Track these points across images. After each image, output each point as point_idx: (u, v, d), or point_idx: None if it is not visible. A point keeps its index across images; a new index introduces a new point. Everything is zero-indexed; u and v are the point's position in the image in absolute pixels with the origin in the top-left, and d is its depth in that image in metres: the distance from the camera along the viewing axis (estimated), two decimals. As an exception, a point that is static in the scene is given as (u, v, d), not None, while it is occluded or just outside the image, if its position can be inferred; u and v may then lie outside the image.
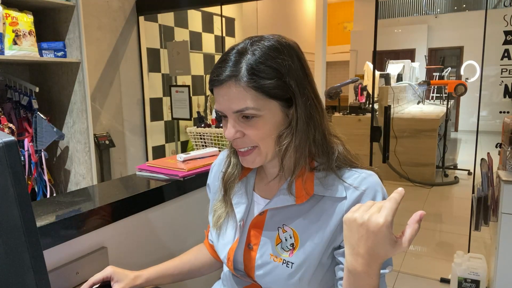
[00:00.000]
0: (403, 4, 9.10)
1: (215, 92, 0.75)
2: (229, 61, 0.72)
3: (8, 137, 0.50)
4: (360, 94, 5.28)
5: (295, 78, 0.73)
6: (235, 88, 0.71)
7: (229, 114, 0.74)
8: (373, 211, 0.61)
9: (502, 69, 2.56)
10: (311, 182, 0.78)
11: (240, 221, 0.83)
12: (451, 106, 5.94)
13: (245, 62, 0.71)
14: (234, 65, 0.72)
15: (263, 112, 0.72)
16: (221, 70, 0.72)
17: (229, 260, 0.84)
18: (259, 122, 0.73)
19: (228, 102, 0.73)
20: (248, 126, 0.74)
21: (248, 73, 0.70)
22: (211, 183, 0.99)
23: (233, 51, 0.73)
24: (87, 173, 2.19)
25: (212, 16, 3.90)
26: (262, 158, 0.77)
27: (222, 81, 0.72)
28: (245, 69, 0.71)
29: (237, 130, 0.74)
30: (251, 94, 0.71)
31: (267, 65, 0.71)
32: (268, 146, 0.76)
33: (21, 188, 0.51)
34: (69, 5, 2.07)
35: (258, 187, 0.87)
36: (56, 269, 0.93)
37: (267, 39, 0.74)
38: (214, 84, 0.74)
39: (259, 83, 0.71)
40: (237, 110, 0.72)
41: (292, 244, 0.77)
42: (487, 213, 2.09)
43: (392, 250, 0.60)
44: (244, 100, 0.71)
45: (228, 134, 0.75)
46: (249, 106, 0.71)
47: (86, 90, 2.14)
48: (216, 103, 0.76)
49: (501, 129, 2.19)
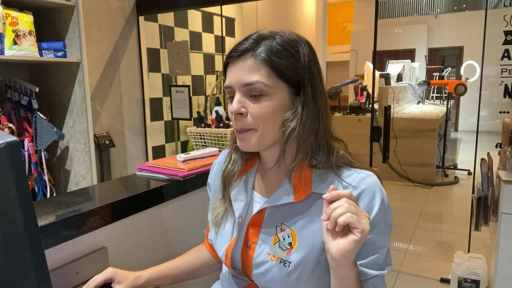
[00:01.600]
0: (403, 4, 9.10)
1: (230, 68, 0.77)
2: (249, 39, 0.76)
3: (10, 137, 0.50)
4: (360, 94, 5.28)
5: (308, 69, 0.76)
6: (250, 60, 0.74)
7: (238, 88, 0.75)
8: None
9: (502, 69, 2.56)
10: (310, 179, 0.78)
11: (238, 217, 0.83)
12: (451, 106, 5.94)
13: (265, 43, 0.75)
14: (254, 43, 0.75)
15: (272, 91, 0.74)
16: (240, 45, 0.76)
17: (227, 257, 0.84)
18: (265, 101, 0.74)
19: (241, 74, 0.74)
20: (253, 104, 0.75)
21: (266, 51, 0.74)
22: (211, 182, 0.99)
23: (255, 34, 0.77)
24: (87, 173, 2.19)
25: (212, 16, 3.90)
26: (260, 141, 0.77)
27: (239, 52, 0.75)
28: (264, 47, 0.74)
29: (242, 106, 0.75)
30: (265, 70, 0.73)
31: (284, 49, 0.75)
32: (267, 130, 0.76)
33: (23, 188, 0.51)
34: (69, 5, 2.07)
35: (258, 186, 0.87)
36: (56, 269, 0.93)
37: (287, 32, 0.78)
38: (231, 56, 0.76)
39: (274, 60, 0.73)
40: (248, 83, 0.74)
41: (290, 243, 0.77)
42: (487, 213, 2.10)
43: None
44: (257, 74, 0.73)
45: (231, 108, 0.76)
46: (260, 80, 0.73)
47: (86, 90, 2.14)
48: (228, 78, 0.77)
49: (501, 129, 2.19)
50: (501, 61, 2.55)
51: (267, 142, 0.77)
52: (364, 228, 0.61)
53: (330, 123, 0.81)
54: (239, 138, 0.78)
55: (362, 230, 0.61)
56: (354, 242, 0.62)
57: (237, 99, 0.75)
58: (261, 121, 0.75)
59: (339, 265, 0.65)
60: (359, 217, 0.62)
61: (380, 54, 7.25)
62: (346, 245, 0.62)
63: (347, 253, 0.63)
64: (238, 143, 0.79)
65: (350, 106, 5.11)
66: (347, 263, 0.65)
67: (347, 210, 0.62)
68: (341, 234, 0.64)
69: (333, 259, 0.65)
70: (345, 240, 0.63)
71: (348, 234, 0.63)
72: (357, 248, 0.63)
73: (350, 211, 0.62)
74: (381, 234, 0.74)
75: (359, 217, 0.62)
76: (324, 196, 0.64)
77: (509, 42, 2.50)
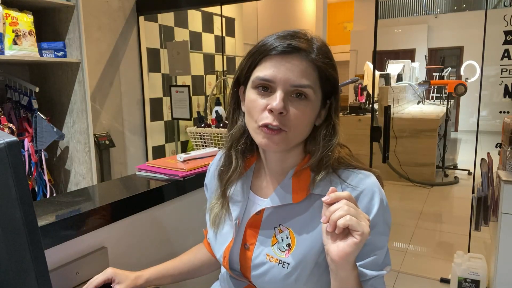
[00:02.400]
0: (403, 4, 9.10)
1: (274, 60, 0.72)
2: (301, 36, 0.73)
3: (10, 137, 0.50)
4: (360, 94, 5.28)
5: (337, 85, 0.77)
6: (305, 62, 0.72)
7: (283, 86, 0.71)
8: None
9: (502, 69, 2.56)
10: (308, 181, 0.77)
11: (235, 219, 0.83)
12: (451, 106, 5.94)
13: (317, 47, 0.73)
14: (307, 41, 0.73)
15: (313, 97, 0.73)
16: (293, 40, 0.72)
17: (224, 259, 0.84)
18: (306, 106, 0.73)
19: (292, 73, 0.71)
20: (294, 105, 0.72)
21: (321, 58, 0.72)
22: (208, 183, 0.98)
23: (301, 32, 0.75)
24: (87, 173, 2.19)
25: (212, 16, 3.90)
26: (287, 143, 0.74)
27: (296, 48, 0.71)
28: (318, 51, 0.72)
29: (284, 105, 0.72)
30: (315, 75, 0.73)
31: (332, 59, 0.75)
32: (297, 134, 0.74)
33: (23, 188, 0.51)
34: (69, 5, 2.07)
35: (255, 187, 0.86)
36: (56, 269, 0.93)
37: (316, 36, 0.77)
38: (284, 51, 0.71)
39: (323, 70, 0.73)
40: (299, 85, 0.71)
41: (289, 244, 0.77)
42: (487, 213, 2.10)
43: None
44: (309, 78, 0.72)
45: (277, 106, 0.70)
46: (311, 85, 0.72)
47: (86, 90, 2.14)
48: (271, 71, 0.72)
49: (501, 129, 2.19)
50: (501, 61, 2.55)
51: (292, 145, 0.76)
52: (364, 231, 0.61)
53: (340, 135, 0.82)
54: (265, 135, 0.73)
55: (362, 233, 0.61)
56: (354, 245, 0.61)
57: (282, 97, 0.71)
58: (296, 124, 0.72)
59: (339, 268, 0.65)
60: (358, 219, 0.61)
61: (380, 54, 7.25)
62: (346, 247, 0.62)
63: (347, 255, 0.62)
64: (262, 140, 0.73)
65: (350, 106, 5.11)
66: (347, 266, 0.64)
67: (347, 213, 0.61)
68: (341, 236, 0.63)
69: (333, 261, 0.64)
70: (345, 242, 0.62)
71: (348, 236, 0.62)
72: (357, 251, 0.62)
73: (349, 213, 0.61)
74: (380, 234, 0.73)
75: (358, 219, 0.61)
76: (324, 199, 0.64)
77: (509, 42, 2.50)
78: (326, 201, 0.64)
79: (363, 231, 0.61)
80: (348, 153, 0.81)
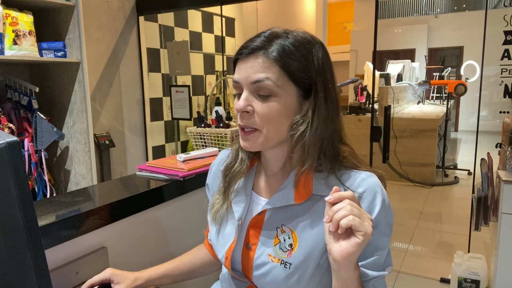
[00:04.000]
0: (403, 4, 9.10)
1: (239, 63, 0.75)
2: (262, 36, 0.74)
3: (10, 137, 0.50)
4: (360, 94, 5.28)
5: (321, 71, 0.74)
6: (261, 59, 0.72)
7: (246, 85, 0.74)
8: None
9: (502, 69, 2.56)
10: (311, 181, 0.77)
11: (238, 220, 0.83)
12: (451, 106, 5.94)
13: (277, 42, 0.73)
14: (267, 40, 0.73)
15: (280, 92, 0.73)
16: (252, 42, 0.74)
17: (227, 259, 0.84)
18: (273, 101, 0.73)
19: (251, 71, 0.73)
20: (260, 103, 0.73)
21: (278, 50, 0.72)
22: (210, 183, 0.98)
23: (267, 31, 0.75)
24: (87, 173, 2.19)
25: (212, 16, 3.90)
26: (263, 142, 0.75)
27: (251, 49, 0.73)
28: (276, 46, 0.72)
29: (248, 104, 0.74)
30: (275, 69, 0.72)
31: (297, 49, 0.73)
32: (272, 132, 0.75)
33: (23, 188, 0.51)
34: (69, 5, 2.07)
35: (258, 187, 0.86)
36: (56, 269, 0.93)
37: (301, 31, 0.76)
38: (242, 53, 0.74)
39: (285, 61, 0.72)
40: (257, 80, 0.72)
41: (291, 244, 0.77)
42: (487, 213, 2.09)
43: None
44: (267, 72, 0.72)
45: (238, 105, 0.74)
46: (270, 78, 0.72)
47: (86, 90, 2.14)
48: (236, 73, 0.76)
49: (501, 129, 2.19)
50: (501, 61, 2.55)
51: (271, 144, 0.77)
52: (367, 231, 0.61)
53: (342, 128, 0.80)
54: (242, 137, 0.77)
55: (364, 233, 0.61)
56: (356, 245, 0.61)
57: (245, 96, 0.74)
58: (266, 122, 0.73)
59: (341, 268, 0.65)
60: (361, 220, 0.61)
61: (380, 54, 7.25)
62: (349, 247, 0.62)
63: (349, 255, 0.62)
64: (241, 142, 0.78)
65: (350, 106, 5.10)
66: (349, 266, 0.64)
67: (350, 213, 0.61)
68: (344, 236, 0.63)
69: (335, 261, 0.64)
70: (348, 242, 0.62)
71: (351, 236, 0.62)
72: (359, 251, 0.62)
73: (352, 213, 0.61)
74: (382, 235, 0.73)
75: (361, 219, 0.61)
76: (327, 199, 0.64)
77: (509, 42, 2.50)
78: (329, 201, 0.64)
79: (366, 231, 0.61)
80: (351, 153, 0.80)
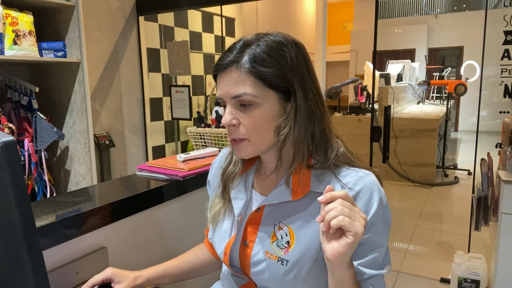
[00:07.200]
0: (403, 4, 9.10)
1: (218, 79, 0.77)
2: (234, 49, 0.75)
3: (7, 137, 0.50)
4: (360, 94, 5.28)
5: (297, 71, 0.75)
6: (235, 73, 0.74)
7: (228, 100, 0.76)
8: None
9: (502, 69, 2.56)
10: (308, 179, 0.78)
11: (238, 216, 0.84)
12: (451, 106, 5.94)
13: (249, 51, 0.74)
14: (238, 52, 0.74)
15: (260, 101, 0.74)
16: (225, 57, 0.76)
17: (225, 255, 0.84)
18: (255, 111, 0.74)
19: (228, 87, 0.74)
20: (244, 115, 0.75)
21: (250, 61, 0.73)
22: (211, 180, 1.00)
23: (240, 42, 0.76)
24: (87, 173, 2.19)
25: (212, 16, 3.90)
26: (254, 149, 0.78)
27: (224, 65, 0.75)
28: (248, 57, 0.73)
29: (233, 117, 0.76)
30: (251, 81, 0.73)
31: (269, 55, 0.73)
32: (260, 139, 0.76)
33: (20, 188, 0.51)
34: (69, 5, 2.07)
35: (257, 184, 0.87)
36: (56, 269, 0.93)
37: (273, 34, 0.77)
38: (217, 69, 0.77)
39: (258, 70, 0.73)
40: (235, 95, 0.74)
41: (288, 241, 0.77)
42: (487, 213, 2.09)
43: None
44: (243, 86, 0.73)
45: (224, 121, 0.76)
46: (247, 92, 0.73)
47: (86, 90, 2.14)
48: (218, 89, 0.78)
49: (501, 129, 2.19)
50: (501, 61, 2.55)
51: (262, 149, 0.78)
52: (357, 231, 0.61)
53: (330, 121, 0.80)
54: (234, 147, 0.80)
55: (355, 233, 0.61)
56: (346, 245, 0.61)
57: (229, 110, 0.76)
58: (252, 131, 0.75)
59: (334, 267, 0.65)
60: (352, 219, 0.61)
61: (380, 54, 7.26)
62: (339, 247, 0.62)
63: (340, 255, 0.62)
64: (235, 152, 0.81)
65: (350, 106, 5.11)
66: (342, 265, 0.64)
67: (340, 213, 0.61)
68: (336, 236, 0.63)
69: (328, 260, 0.65)
70: (338, 243, 0.62)
71: (342, 236, 0.63)
72: (350, 251, 0.62)
73: (343, 214, 0.61)
74: (380, 233, 0.73)
75: (352, 219, 0.61)
76: (319, 199, 0.64)
77: (509, 42, 2.50)
78: (322, 201, 0.64)
79: (356, 231, 0.61)
80: (345, 147, 0.81)
